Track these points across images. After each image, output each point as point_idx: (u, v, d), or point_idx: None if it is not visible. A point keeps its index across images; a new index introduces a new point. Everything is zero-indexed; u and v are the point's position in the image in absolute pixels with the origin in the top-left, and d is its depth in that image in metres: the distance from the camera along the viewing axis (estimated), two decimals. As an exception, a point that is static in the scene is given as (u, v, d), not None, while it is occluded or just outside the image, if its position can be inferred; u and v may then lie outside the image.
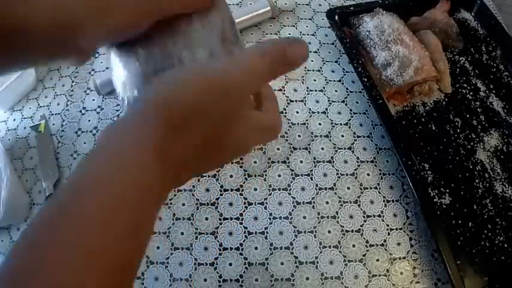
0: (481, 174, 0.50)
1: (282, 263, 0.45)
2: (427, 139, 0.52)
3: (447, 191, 0.48)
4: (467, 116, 0.55)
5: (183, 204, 0.48)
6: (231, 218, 0.47)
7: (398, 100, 0.55)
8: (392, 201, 0.48)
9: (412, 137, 0.52)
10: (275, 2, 0.65)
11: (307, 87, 0.57)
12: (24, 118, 0.56)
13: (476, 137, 0.53)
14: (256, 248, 0.46)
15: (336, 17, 0.60)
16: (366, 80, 0.53)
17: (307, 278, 0.44)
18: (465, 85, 0.58)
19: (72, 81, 0.58)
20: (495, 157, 0.51)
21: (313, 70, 0.58)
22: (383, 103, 0.51)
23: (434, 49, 0.57)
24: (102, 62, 0.60)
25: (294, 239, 0.46)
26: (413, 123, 0.53)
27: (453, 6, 0.63)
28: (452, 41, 0.61)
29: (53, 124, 0.55)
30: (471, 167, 0.50)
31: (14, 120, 0.56)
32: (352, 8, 0.61)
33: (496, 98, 0.57)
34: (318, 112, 0.55)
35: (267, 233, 0.46)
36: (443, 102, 0.55)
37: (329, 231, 0.46)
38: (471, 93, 0.57)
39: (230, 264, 0.45)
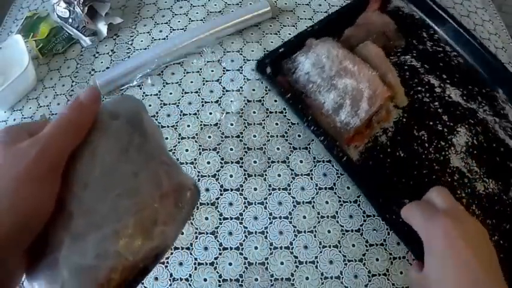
0: (461, 182, 0.49)
1: (281, 263, 0.45)
2: (399, 169, 0.49)
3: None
4: (431, 123, 0.52)
5: (183, 204, 0.48)
6: (231, 218, 0.47)
7: (360, 140, 0.50)
8: (392, 201, 0.48)
9: (384, 174, 0.49)
10: (275, 2, 0.65)
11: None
12: (24, 118, 0.56)
13: (445, 142, 0.51)
14: (256, 248, 0.46)
15: (268, 70, 0.52)
16: (318, 133, 0.48)
17: (307, 278, 0.44)
18: (419, 88, 0.55)
19: (72, 81, 0.58)
20: (469, 156, 0.51)
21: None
22: (341, 154, 0.46)
23: (379, 61, 0.52)
24: (102, 62, 0.60)
25: (294, 239, 0.46)
26: (380, 159, 0.50)
27: None
28: (393, 41, 0.57)
29: (53, 124, 0.55)
30: (449, 179, 0.49)
31: (14, 120, 0.56)
32: (282, 49, 0.54)
33: (452, 88, 0.55)
34: (318, 112, 0.55)
35: (267, 232, 0.46)
36: (404, 120, 0.52)
37: (329, 231, 0.46)
38: (427, 95, 0.54)
39: (230, 264, 0.45)
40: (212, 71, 0.58)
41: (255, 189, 0.49)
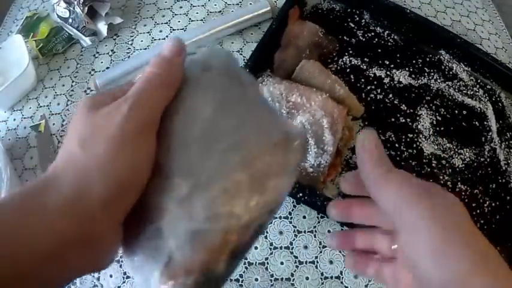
0: (440, 166, 0.48)
1: (281, 263, 0.45)
2: None
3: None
4: (393, 119, 0.51)
5: (183, 204, 0.48)
6: (231, 218, 0.47)
7: (334, 172, 0.46)
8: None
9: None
10: (275, 2, 0.65)
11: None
12: (24, 118, 0.56)
13: (412, 133, 0.50)
14: (256, 248, 0.46)
15: None
16: (297, 198, 0.44)
17: (307, 278, 0.44)
18: (368, 87, 0.53)
19: (72, 81, 0.58)
20: (438, 135, 0.50)
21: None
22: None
23: (321, 77, 0.49)
24: (102, 62, 0.60)
25: (294, 239, 0.46)
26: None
27: (299, 2, 0.57)
28: (326, 48, 0.54)
29: (53, 124, 0.55)
30: (429, 169, 0.48)
31: (14, 120, 0.56)
32: None
33: (398, 71, 0.53)
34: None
35: (267, 232, 0.46)
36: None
37: (329, 231, 0.46)
38: (379, 91, 0.52)
39: (230, 264, 0.45)
40: (212, 71, 0.58)
41: (255, 189, 0.49)
